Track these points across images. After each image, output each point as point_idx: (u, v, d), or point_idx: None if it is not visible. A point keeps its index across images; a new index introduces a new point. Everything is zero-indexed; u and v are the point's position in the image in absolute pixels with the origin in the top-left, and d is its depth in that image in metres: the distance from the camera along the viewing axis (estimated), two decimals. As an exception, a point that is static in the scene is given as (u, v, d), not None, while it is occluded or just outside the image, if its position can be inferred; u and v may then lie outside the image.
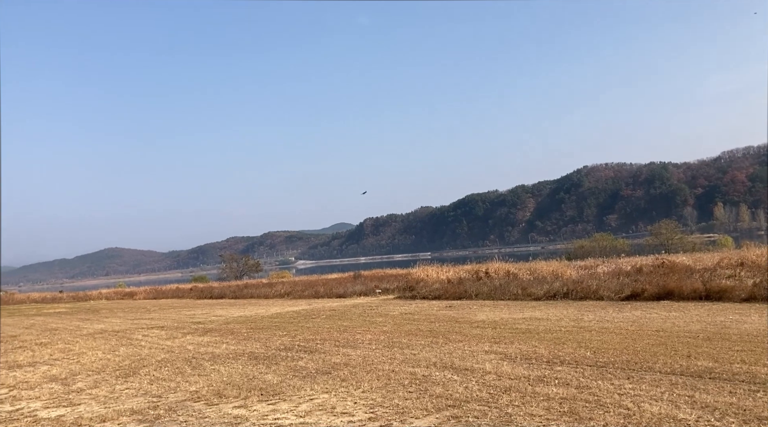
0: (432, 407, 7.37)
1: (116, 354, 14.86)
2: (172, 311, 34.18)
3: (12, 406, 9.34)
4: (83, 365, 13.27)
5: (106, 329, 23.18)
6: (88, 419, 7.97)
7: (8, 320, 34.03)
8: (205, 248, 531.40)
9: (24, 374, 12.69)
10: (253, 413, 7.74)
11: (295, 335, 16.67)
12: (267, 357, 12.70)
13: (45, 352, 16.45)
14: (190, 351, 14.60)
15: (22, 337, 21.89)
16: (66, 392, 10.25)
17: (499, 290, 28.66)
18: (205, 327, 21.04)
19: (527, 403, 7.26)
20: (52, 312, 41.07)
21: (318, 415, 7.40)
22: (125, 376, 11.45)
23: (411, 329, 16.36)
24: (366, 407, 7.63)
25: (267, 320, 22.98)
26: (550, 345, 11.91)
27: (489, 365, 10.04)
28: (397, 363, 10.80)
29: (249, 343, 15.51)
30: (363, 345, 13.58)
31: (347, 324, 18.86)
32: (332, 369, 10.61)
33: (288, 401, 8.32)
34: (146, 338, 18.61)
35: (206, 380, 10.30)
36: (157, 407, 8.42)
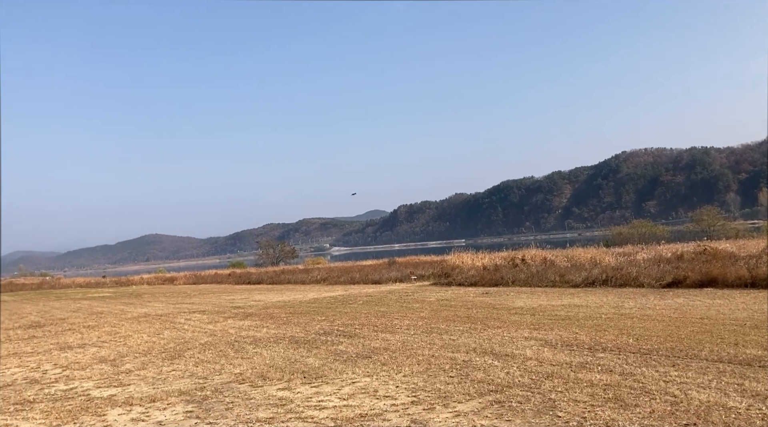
0: (474, 391, 7.39)
1: (161, 337, 15.26)
2: (212, 296, 34.87)
3: (66, 385, 9.70)
4: (130, 348, 13.68)
5: (149, 313, 23.80)
6: (139, 399, 8.23)
7: (56, 304, 35.21)
8: (242, 235, 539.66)
9: (75, 355, 13.15)
10: (297, 395, 7.89)
11: (334, 320, 16.85)
12: (307, 341, 12.89)
13: (93, 334, 17.01)
14: (231, 335, 14.90)
15: (70, 320, 22.64)
16: (115, 373, 10.59)
17: (536, 276, 28.43)
18: (245, 312, 21.42)
19: (570, 389, 7.23)
20: (97, 296, 42.32)
21: (361, 398, 7.50)
22: (171, 358, 11.77)
23: (448, 315, 16.38)
24: (408, 390, 7.70)
25: (305, 305, 23.27)
26: (591, 332, 11.79)
27: (529, 351, 10.00)
28: (437, 348, 10.85)
29: (289, 327, 15.74)
30: (401, 331, 13.66)
31: (384, 310, 18.98)
32: (372, 353, 10.71)
33: (330, 384, 8.45)
34: (189, 322, 19.05)
35: (249, 363, 10.52)
36: (204, 389, 8.65)
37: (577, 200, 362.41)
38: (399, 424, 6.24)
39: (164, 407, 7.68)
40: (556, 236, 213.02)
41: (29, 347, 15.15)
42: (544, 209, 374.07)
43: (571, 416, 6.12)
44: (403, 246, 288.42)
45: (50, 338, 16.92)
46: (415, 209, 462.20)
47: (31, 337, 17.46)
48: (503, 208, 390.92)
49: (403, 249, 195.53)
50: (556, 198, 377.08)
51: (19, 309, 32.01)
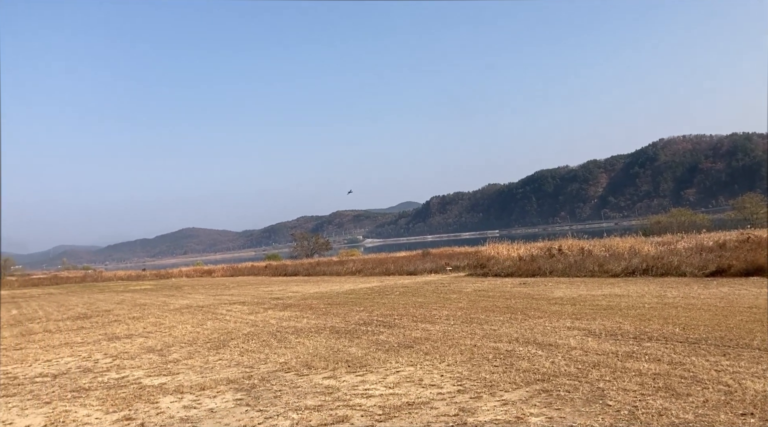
0: (520, 380, 7.38)
1: (204, 328, 15.58)
2: (250, 287, 35.41)
3: (117, 374, 10.00)
4: (175, 338, 14.00)
5: (191, 304, 24.30)
6: (189, 388, 8.44)
7: (100, 296, 36.20)
8: (276, 228, 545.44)
9: (123, 345, 13.52)
10: (343, 383, 7.98)
11: (372, 310, 16.96)
12: (348, 331, 13.00)
13: (139, 325, 17.45)
14: (273, 325, 15.12)
15: (115, 311, 23.26)
16: (164, 362, 10.86)
17: (574, 266, 28.11)
18: (284, 303, 21.70)
19: (618, 378, 7.15)
20: (139, 289, 43.35)
21: (406, 386, 7.55)
22: (216, 348, 12.01)
23: (487, 306, 16.33)
24: (453, 379, 7.72)
25: (342, 296, 23.46)
26: (635, 321, 11.63)
27: (573, 340, 9.92)
28: (478, 338, 10.84)
29: (328, 318, 15.90)
30: (441, 321, 13.68)
31: (422, 300, 19.01)
32: (414, 343, 10.76)
33: (375, 373, 8.52)
34: (230, 312, 19.39)
35: (293, 353, 10.67)
36: (251, 377, 8.81)
37: (614, 189, 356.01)
38: (447, 412, 6.27)
39: (214, 395, 7.86)
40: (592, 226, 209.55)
41: (79, 337, 15.63)
42: (580, 199, 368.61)
43: (621, 405, 6.06)
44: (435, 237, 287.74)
45: (98, 328, 17.43)
46: (448, 200, 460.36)
47: (79, 328, 18.00)
48: (537, 199, 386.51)
49: (436, 240, 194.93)
50: (592, 187, 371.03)
51: (66, 301, 33.01)
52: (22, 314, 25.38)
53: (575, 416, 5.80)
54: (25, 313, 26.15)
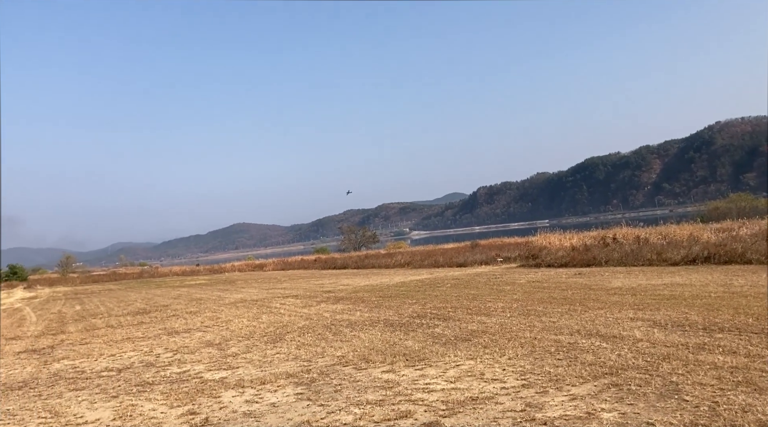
0: (587, 374, 7.12)
1: (260, 321, 15.75)
2: (302, 280, 35.77)
3: (179, 368, 10.17)
4: (233, 332, 14.20)
5: (245, 298, 24.68)
6: (249, 382, 8.49)
7: (157, 291, 37.23)
8: (324, 221, 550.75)
9: (182, 339, 13.79)
10: (402, 377, 7.88)
11: (425, 303, 16.82)
12: (402, 324, 12.91)
13: (196, 320, 17.80)
14: (327, 318, 15.17)
15: (173, 306, 23.84)
16: (223, 356, 11.01)
17: (630, 255, 27.30)
18: (336, 296, 21.79)
19: (692, 372, 6.82)
20: (194, 284, 44.40)
21: (468, 381, 7.39)
22: (273, 341, 12.10)
23: (543, 297, 15.97)
24: (516, 373, 7.52)
25: (393, 288, 23.40)
26: (702, 311, 11.13)
27: (638, 332, 9.55)
28: (538, 331, 10.57)
29: (381, 310, 15.85)
30: (496, 313, 13.44)
31: (475, 292, 18.76)
32: (471, 336, 10.58)
33: (434, 366, 8.39)
34: (284, 306, 19.59)
35: (350, 346, 10.64)
36: (310, 371, 8.81)
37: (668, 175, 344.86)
38: (513, 407, 6.09)
39: (275, 390, 7.88)
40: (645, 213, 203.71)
41: (140, 332, 16.04)
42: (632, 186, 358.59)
43: (699, 400, 5.76)
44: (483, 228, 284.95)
45: (157, 323, 17.86)
46: (495, 191, 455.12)
47: (140, 323, 18.50)
48: (588, 187, 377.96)
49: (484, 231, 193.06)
50: (645, 174, 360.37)
51: (125, 297, 34.07)
52: (85, 310, 26.31)
53: (650, 412, 5.53)
54: (87, 308, 27.10)
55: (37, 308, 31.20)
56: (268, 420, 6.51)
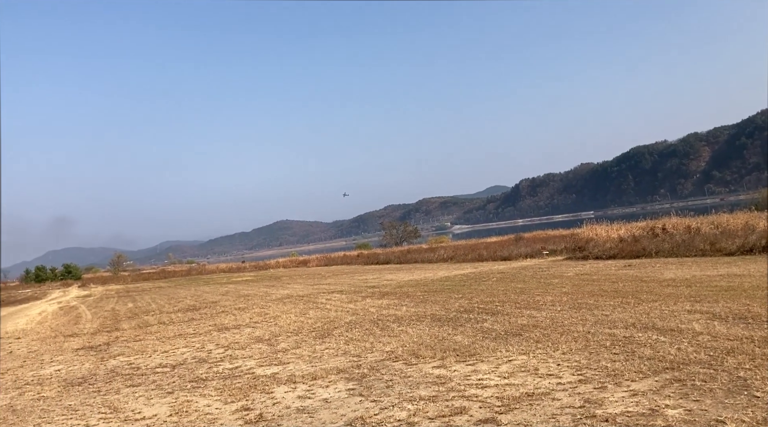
0: (647, 369, 6.89)
1: (307, 317, 15.86)
2: (345, 276, 35.94)
3: (231, 364, 10.31)
4: (281, 327, 14.32)
5: (291, 294, 24.92)
6: (301, 377, 8.53)
7: (206, 288, 37.96)
8: (364, 217, 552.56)
9: (232, 335, 13.99)
10: (454, 373, 7.79)
11: (471, 297, 16.65)
12: (449, 319, 12.79)
13: (245, 316, 18.05)
14: (373, 313, 15.16)
15: (222, 303, 24.25)
16: (273, 351, 11.10)
17: (681, 246, 26.49)
18: (381, 291, 21.78)
19: (761, 366, 6.52)
20: (241, 280, 45.12)
21: (522, 376, 7.25)
22: (321, 337, 12.15)
23: (593, 290, 15.62)
24: (571, 369, 7.34)
25: (437, 283, 23.26)
26: (765, 303, 10.66)
27: (697, 325, 9.21)
28: (590, 325, 10.31)
29: (427, 305, 15.75)
30: (546, 307, 13.19)
31: (522, 286, 18.48)
32: (522, 331, 10.39)
33: (486, 362, 8.26)
34: (330, 301, 19.68)
35: (398, 341, 10.59)
36: (360, 367, 8.80)
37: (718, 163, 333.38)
38: (571, 403, 5.93)
39: (326, 385, 7.89)
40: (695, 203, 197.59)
41: (191, 328, 16.36)
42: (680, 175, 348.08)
43: (771, 396, 5.49)
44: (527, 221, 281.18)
45: (207, 320, 18.18)
46: (538, 182, 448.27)
47: (190, 319, 18.87)
48: (634, 176, 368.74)
49: (528, 224, 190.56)
50: (693, 162, 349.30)
51: (175, 294, 34.86)
52: (137, 307, 27.01)
53: (719, 409, 5.30)
54: (139, 306, 27.82)
55: (91, 305, 32.20)
56: (322, 416, 6.51)
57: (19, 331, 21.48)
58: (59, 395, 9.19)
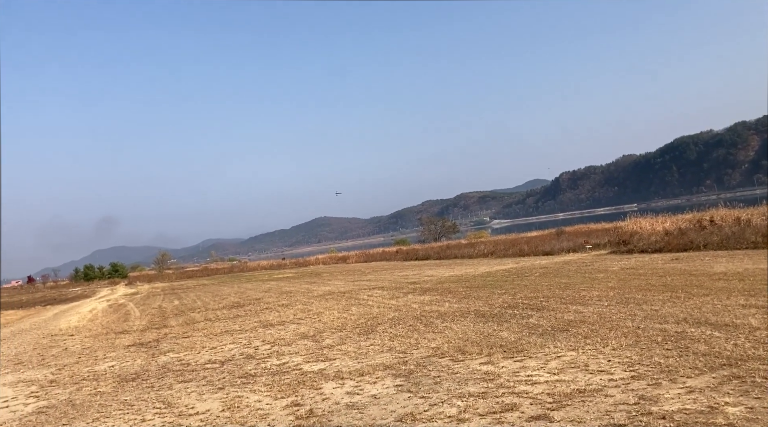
0: (702, 365, 6.71)
1: (350, 313, 15.96)
2: (385, 272, 36.02)
3: (278, 360, 10.45)
4: (325, 324, 14.45)
5: (332, 290, 25.11)
6: (348, 373, 8.60)
7: (248, 285, 38.56)
8: (402, 213, 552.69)
9: (278, 332, 14.18)
10: (502, 369, 7.74)
11: (515, 293, 16.49)
12: (494, 315, 12.70)
13: (288, 312, 18.27)
14: (416, 309, 15.16)
15: (265, 299, 24.60)
16: (318, 348, 11.21)
17: (731, 238, 25.73)
18: (422, 287, 21.76)
19: (824, 363, 6.29)
20: (282, 277, 45.69)
21: (572, 373, 7.15)
22: (365, 333, 12.22)
23: (640, 284, 15.29)
24: (623, 365, 7.20)
25: (479, 278, 23.12)
26: (825, 298, 10.28)
27: (754, 320, 8.93)
28: (640, 320, 10.10)
29: (470, 301, 15.67)
30: (592, 302, 12.97)
31: (566, 281, 18.22)
32: (569, 326, 10.25)
33: (534, 358, 8.18)
34: (371, 297, 19.77)
35: (443, 337, 10.57)
36: (407, 363, 8.81)
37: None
38: (625, 400, 5.82)
39: (374, 381, 7.93)
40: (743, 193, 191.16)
41: (236, 325, 16.64)
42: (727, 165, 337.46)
43: (837, 394, 5.30)
44: (567, 215, 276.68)
45: (252, 316, 18.47)
46: (579, 175, 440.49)
47: (235, 316, 19.20)
48: (678, 168, 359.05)
49: (568, 218, 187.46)
50: (741, 151, 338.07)
51: (219, 291, 35.52)
52: (183, 305, 27.63)
53: (782, 407, 5.14)
54: (185, 303, 28.44)
55: (139, 303, 33.08)
56: (372, 412, 6.55)
57: (72, 328, 22.22)
58: (115, 391, 9.48)
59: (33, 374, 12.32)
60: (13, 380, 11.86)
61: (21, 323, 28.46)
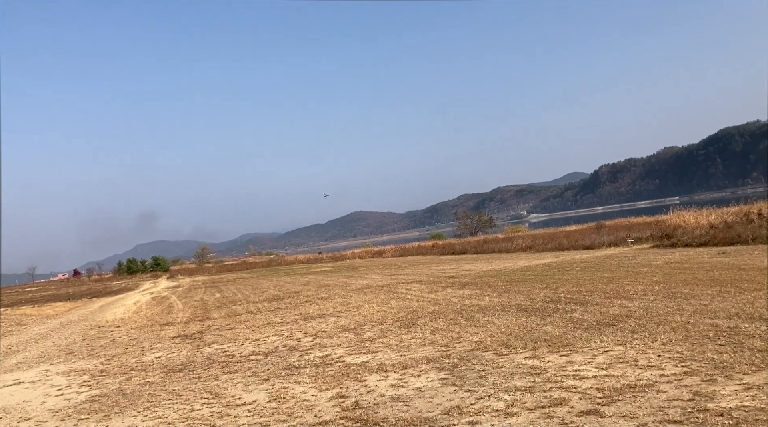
0: (760, 362, 6.50)
1: (390, 306, 15.98)
2: (422, 266, 35.96)
3: (321, 352, 10.53)
4: (365, 317, 14.50)
5: (370, 284, 25.19)
6: (391, 366, 8.61)
7: (287, 279, 38.98)
8: (437, 207, 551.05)
9: (318, 324, 14.29)
10: (548, 364, 7.64)
11: (556, 287, 16.26)
12: (536, 309, 12.55)
13: (328, 305, 18.40)
14: (455, 303, 15.09)
15: (304, 293, 24.82)
16: (360, 340, 11.26)
17: (782, 232, 24.90)
18: (461, 281, 21.65)
19: None
20: (319, 271, 46.04)
21: (621, 368, 7.01)
22: (406, 326, 12.21)
23: (687, 279, 14.91)
24: (674, 360, 7.03)
25: (518, 273, 22.88)
26: None
27: (811, 316, 8.63)
28: (689, 314, 9.85)
29: (511, 295, 15.52)
30: (638, 296, 12.71)
31: (609, 275, 17.89)
32: (615, 321, 10.06)
33: (580, 352, 8.06)
34: (410, 291, 19.75)
35: (485, 331, 10.50)
36: (450, 356, 8.78)
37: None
38: (678, 396, 5.68)
39: (418, 374, 7.92)
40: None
41: (278, 317, 16.84)
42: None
43: None
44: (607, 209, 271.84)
45: (292, 309, 18.66)
46: (619, 168, 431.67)
47: (276, 309, 19.43)
48: (723, 160, 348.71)
49: (608, 212, 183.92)
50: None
51: (258, 284, 35.99)
52: (224, 297, 28.09)
53: None
54: (226, 296, 28.92)
55: (181, 296, 33.77)
56: (417, 405, 6.54)
57: (118, 320, 22.81)
58: (163, 381, 9.70)
59: (84, 363, 12.70)
60: (66, 369, 12.24)
61: (69, 314, 29.35)
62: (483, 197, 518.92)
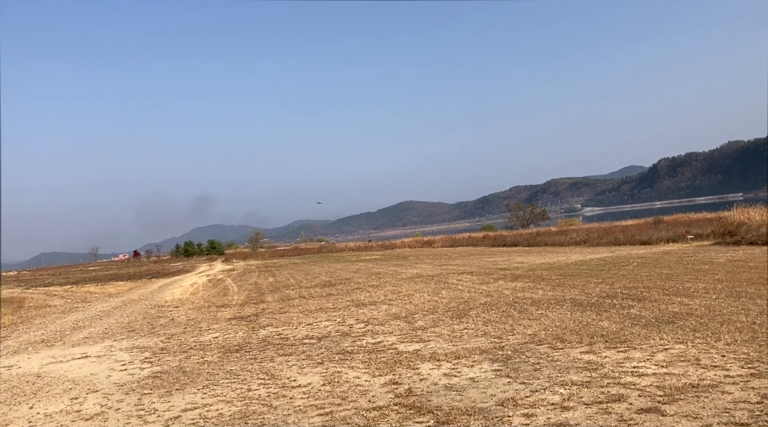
0: (833, 367, 6.23)
1: (441, 296, 15.98)
2: (473, 257, 35.73)
3: (373, 339, 10.64)
4: (416, 306, 14.55)
5: (420, 273, 25.22)
6: (443, 355, 8.63)
7: (337, 266, 39.41)
8: (489, 198, 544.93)
9: (370, 311, 14.42)
10: (605, 359, 7.50)
11: (612, 282, 15.91)
12: (591, 304, 12.32)
13: (379, 293, 18.53)
14: (508, 296, 14.95)
15: (355, 280, 25.07)
16: (412, 329, 11.31)
17: None
18: (513, 273, 21.42)
19: None
20: (369, 259, 46.36)
21: (682, 366, 6.83)
22: (458, 317, 12.20)
23: (751, 278, 14.34)
24: (740, 361, 6.80)
25: (573, 267, 22.46)
26: None
27: None
28: (755, 315, 9.49)
29: (565, 289, 15.28)
30: (699, 294, 12.31)
31: (668, 272, 17.37)
32: (674, 319, 9.78)
33: (638, 349, 7.88)
34: (461, 282, 19.68)
35: (539, 325, 10.38)
36: (503, 348, 8.73)
37: None
38: (745, 398, 5.50)
39: (471, 365, 7.92)
40: None
41: (330, 303, 17.08)
42: None
43: None
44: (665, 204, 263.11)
45: (344, 295, 18.89)
46: (679, 162, 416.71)
47: (328, 294, 19.70)
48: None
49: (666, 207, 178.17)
50: None
51: (310, 270, 36.54)
52: (277, 282, 28.65)
53: None
54: (279, 280, 29.48)
55: (236, 279, 34.61)
56: (471, 395, 6.54)
57: (176, 300, 23.59)
58: (220, 360, 10.00)
59: (145, 341, 13.21)
60: (128, 346, 12.77)
61: (130, 293, 30.53)
62: (536, 189, 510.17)
